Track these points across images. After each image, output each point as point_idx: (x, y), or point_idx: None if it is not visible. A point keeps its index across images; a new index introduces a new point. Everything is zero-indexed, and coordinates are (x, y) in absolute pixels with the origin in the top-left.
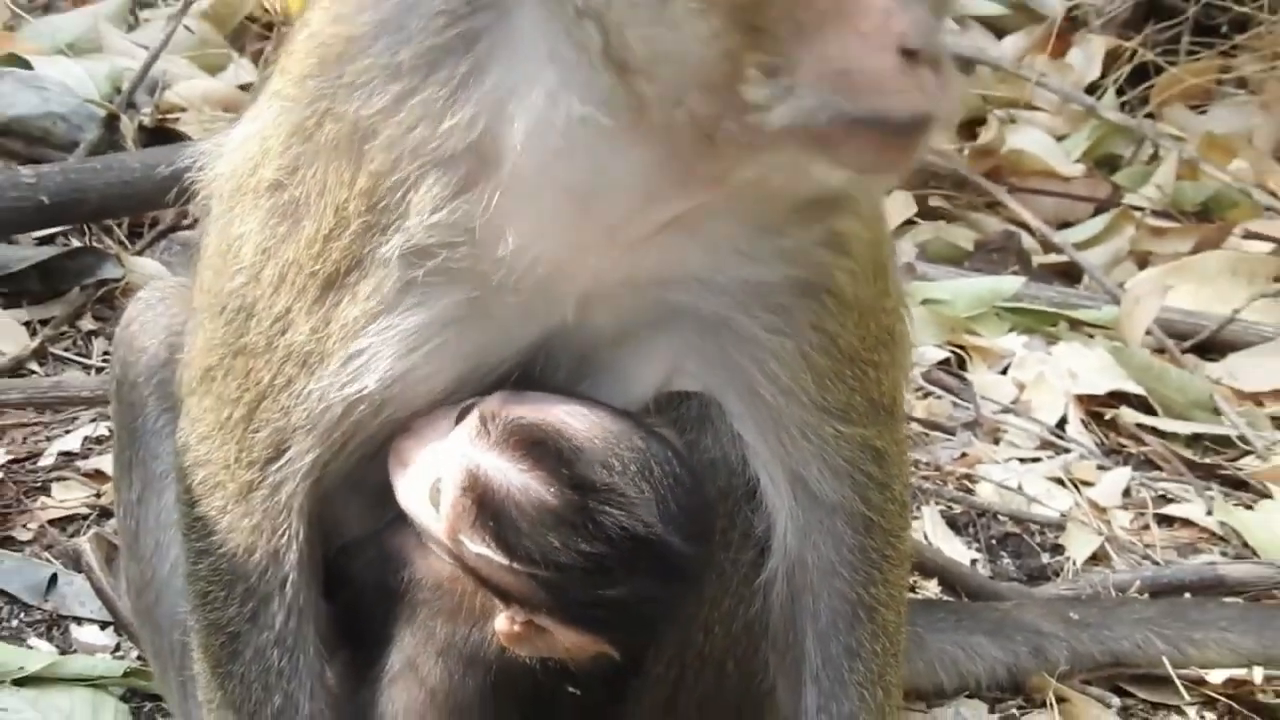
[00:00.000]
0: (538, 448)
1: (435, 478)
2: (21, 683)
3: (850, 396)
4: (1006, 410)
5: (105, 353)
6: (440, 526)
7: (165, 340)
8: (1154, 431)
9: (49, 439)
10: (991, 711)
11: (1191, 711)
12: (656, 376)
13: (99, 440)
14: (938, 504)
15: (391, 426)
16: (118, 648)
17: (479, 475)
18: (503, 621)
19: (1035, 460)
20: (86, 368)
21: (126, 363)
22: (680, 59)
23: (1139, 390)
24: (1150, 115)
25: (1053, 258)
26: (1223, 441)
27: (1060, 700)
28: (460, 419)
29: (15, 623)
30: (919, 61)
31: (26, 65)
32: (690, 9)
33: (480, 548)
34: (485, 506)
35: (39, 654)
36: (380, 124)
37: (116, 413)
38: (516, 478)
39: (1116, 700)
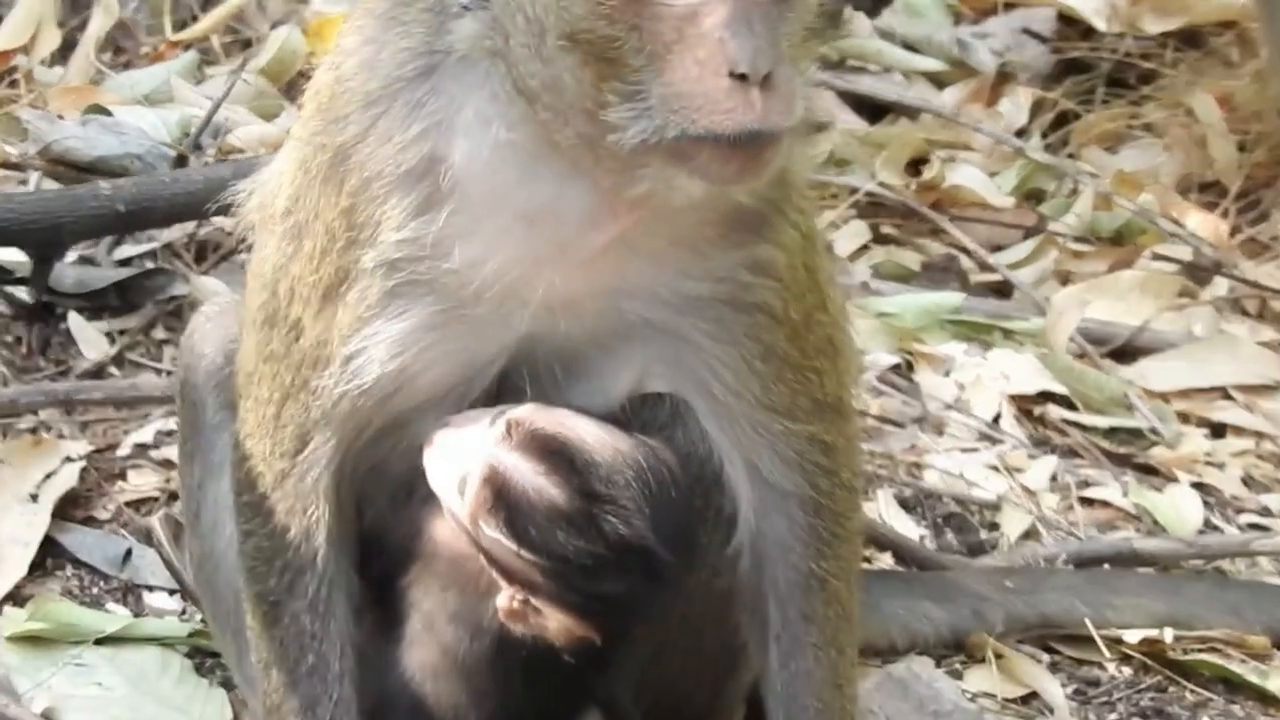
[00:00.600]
0: (555, 455)
1: (465, 470)
2: (100, 643)
3: (794, 398)
4: (949, 407)
5: (174, 359)
6: (463, 511)
7: (222, 348)
8: (1076, 425)
9: (126, 432)
10: (938, 666)
11: (1111, 666)
12: (630, 379)
13: (168, 433)
14: (890, 488)
15: (405, 418)
16: (184, 612)
17: (501, 472)
18: (504, 599)
19: (974, 450)
20: (158, 371)
21: (189, 367)
22: (558, 88)
23: (1063, 390)
24: (1070, 155)
25: (988, 276)
26: (1135, 433)
27: (998, 656)
28: (493, 422)
29: (95, 590)
30: (750, 84)
31: (108, 113)
32: (557, 46)
33: (494, 533)
34: (503, 499)
35: (116, 617)
36: (355, 148)
37: (181, 410)
38: (533, 479)
39: (1046, 657)
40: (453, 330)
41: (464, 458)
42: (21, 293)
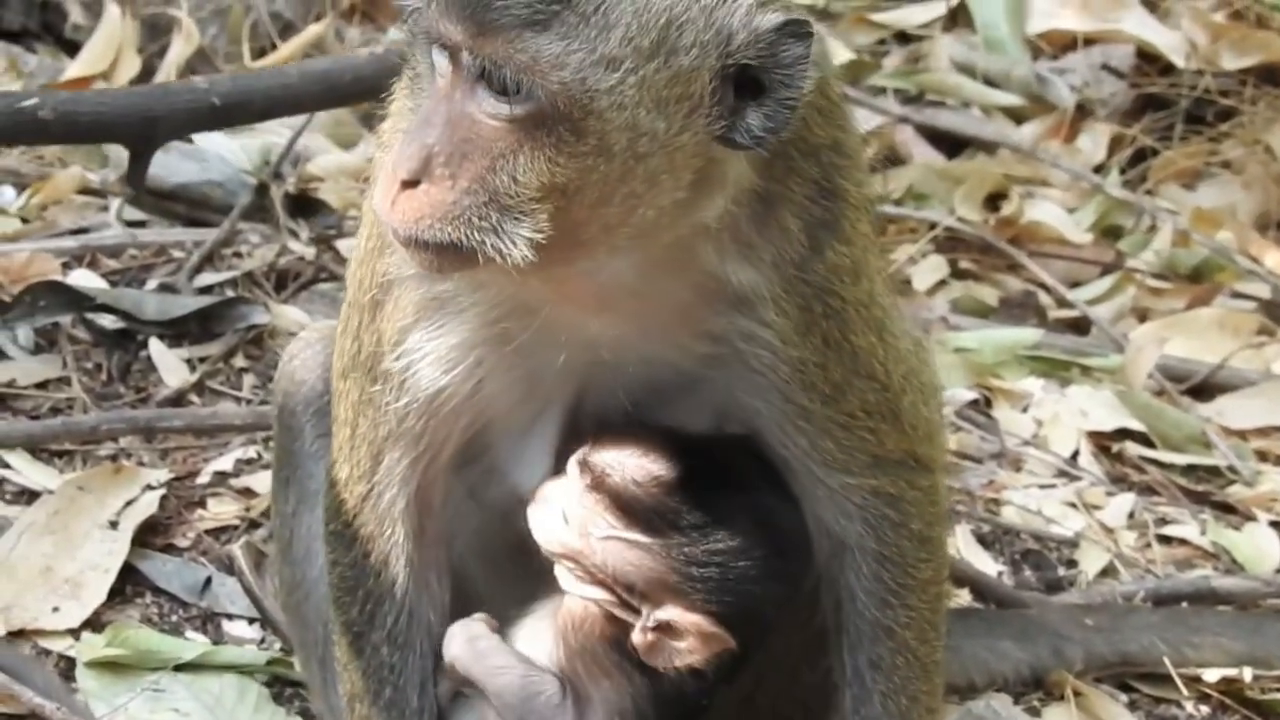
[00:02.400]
0: (646, 439)
1: (563, 501)
2: (178, 670)
3: (849, 454)
4: (1027, 444)
5: (254, 386)
6: (574, 531)
7: (321, 375)
8: (1154, 463)
9: (206, 460)
10: (1016, 703)
11: (1189, 705)
12: (706, 420)
13: (248, 462)
14: (968, 523)
15: (481, 441)
16: (263, 640)
17: (598, 463)
18: (638, 634)
19: (1052, 487)
20: (238, 399)
21: (287, 393)
22: None
23: (1141, 427)
24: (1149, 192)
25: (1065, 312)
26: (1213, 471)
27: (1076, 694)
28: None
29: (175, 618)
30: (415, 186)
31: (189, 141)
32: None
33: (606, 529)
34: (605, 488)
35: (194, 645)
36: None
37: (277, 436)
38: (630, 461)
39: (1124, 696)
40: (500, 349)
41: (558, 493)
42: (102, 319)
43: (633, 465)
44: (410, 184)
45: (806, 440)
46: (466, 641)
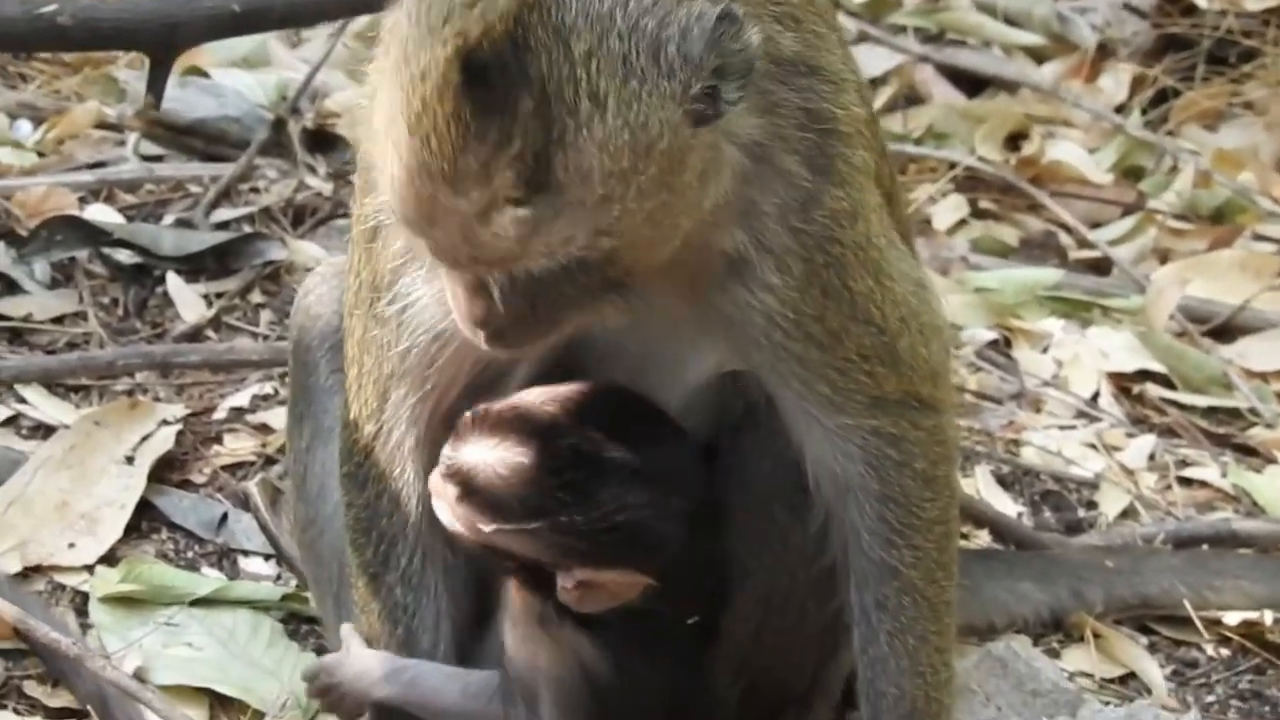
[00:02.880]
0: (501, 425)
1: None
2: (193, 605)
3: (846, 397)
4: (1047, 384)
5: (271, 322)
6: (458, 526)
7: (336, 310)
8: (1175, 404)
9: (222, 396)
10: (1035, 645)
11: (1209, 648)
12: (710, 363)
13: (265, 398)
14: (988, 464)
15: (487, 380)
16: (279, 577)
17: (458, 466)
18: (560, 591)
19: (1072, 428)
20: (255, 335)
21: (303, 328)
22: None
23: (1162, 368)
24: (1170, 133)
25: (1086, 253)
26: (1234, 413)
27: (1096, 636)
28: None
29: (190, 554)
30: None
31: (205, 75)
32: None
33: (490, 525)
34: (473, 490)
35: (209, 580)
36: None
37: (292, 371)
38: (491, 455)
39: (1144, 638)
40: None
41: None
42: (119, 254)
43: (494, 460)
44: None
45: (801, 384)
46: (387, 680)
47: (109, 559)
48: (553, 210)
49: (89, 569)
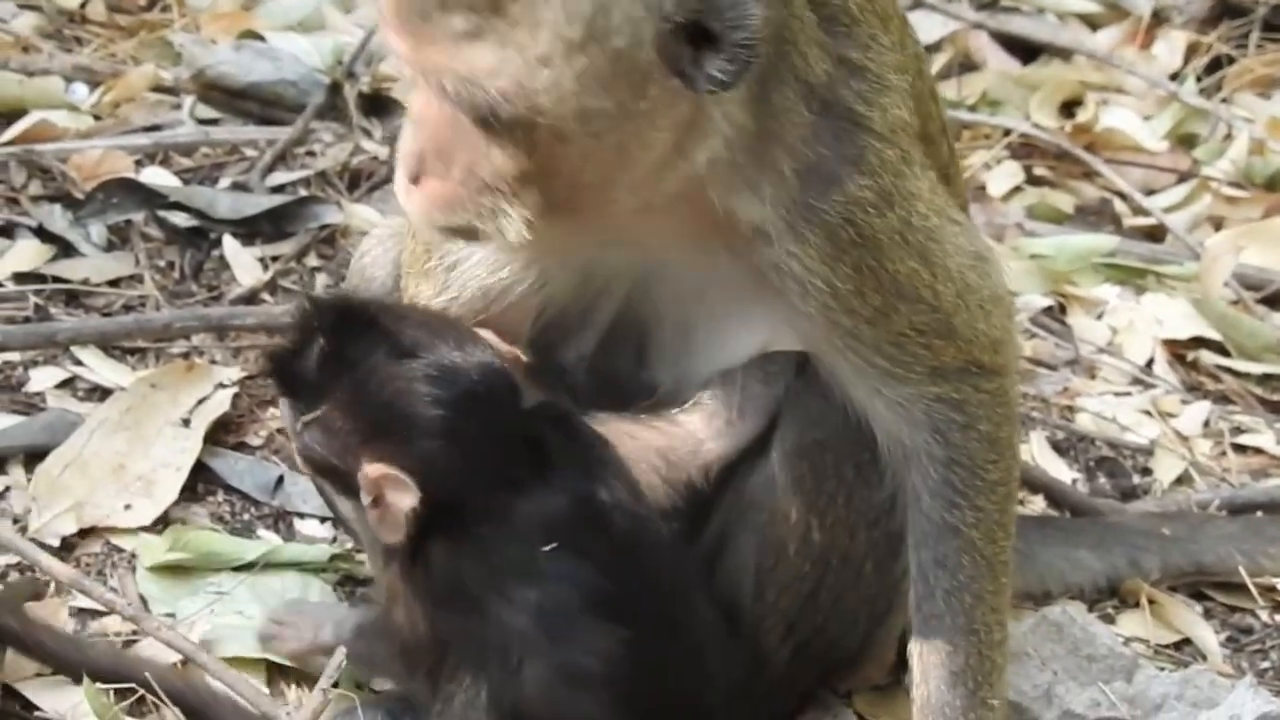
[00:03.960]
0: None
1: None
2: (240, 570)
3: (906, 369)
4: (1102, 351)
5: (327, 285)
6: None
7: (391, 272)
8: (1230, 371)
9: None
10: (1090, 610)
11: (1264, 614)
12: (758, 337)
13: None
14: (1043, 430)
15: (539, 344)
16: (334, 539)
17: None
18: (370, 517)
19: (1127, 394)
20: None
21: (358, 290)
22: None
23: (1217, 335)
24: (1224, 100)
25: (1141, 220)
26: None
27: (1151, 602)
28: None
29: (246, 517)
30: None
31: (261, 39)
32: None
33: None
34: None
35: (256, 545)
36: None
37: None
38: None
39: (1198, 605)
40: (547, 258)
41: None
42: (175, 217)
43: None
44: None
45: (858, 358)
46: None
47: (164, 521)
48: (495, 36)
49: (145, 530)
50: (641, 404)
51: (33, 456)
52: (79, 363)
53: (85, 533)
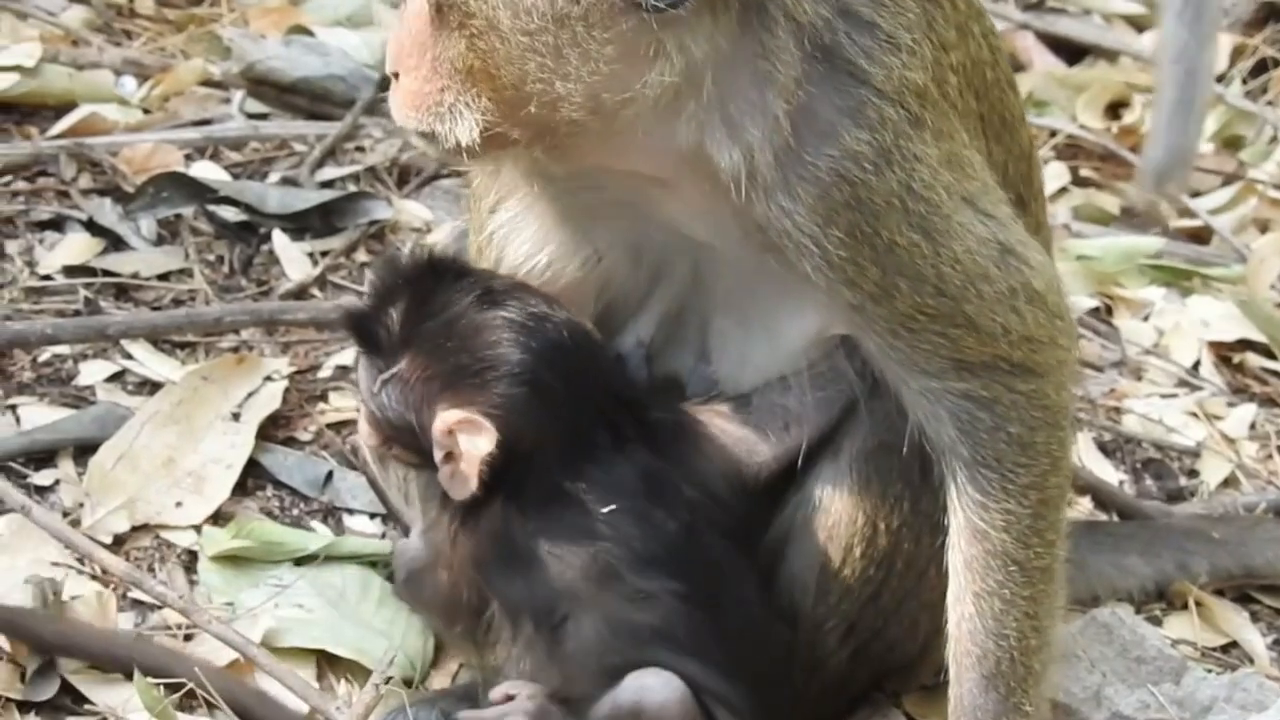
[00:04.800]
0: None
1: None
2: (299, 563)
3: (927, 359)
4: (1148, 352)
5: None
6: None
7: None
8: (1276, 374)
9: (328, 354)
10: (1138, 613)
11: None
12: (813, 322)
13: None
14: (1090, 431)
15: (602, 321)
16: (384, 535)
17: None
18: (441, 475)
19: (1173, 396)
20: (360, 294)
21: None
22: None
23: (1263, 338)
24: (1270, 102)
25: (1187, 222)
26: None
27: (1198, 605)
28: None
29: (296, 512)
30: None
31: (310, 33)
32: None
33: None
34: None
35: (318, 536)
36: None
37: None
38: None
39: (1245, 608)
40: (600, 220)
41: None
42: (224, 211)
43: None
44: (395, 75)
45: (879, 338)
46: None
47: (216, 517)
48: None
49: (196, 529)
50: (702, 397)
51: (82, 450)
52: (129, 356)
53: (136, 529)
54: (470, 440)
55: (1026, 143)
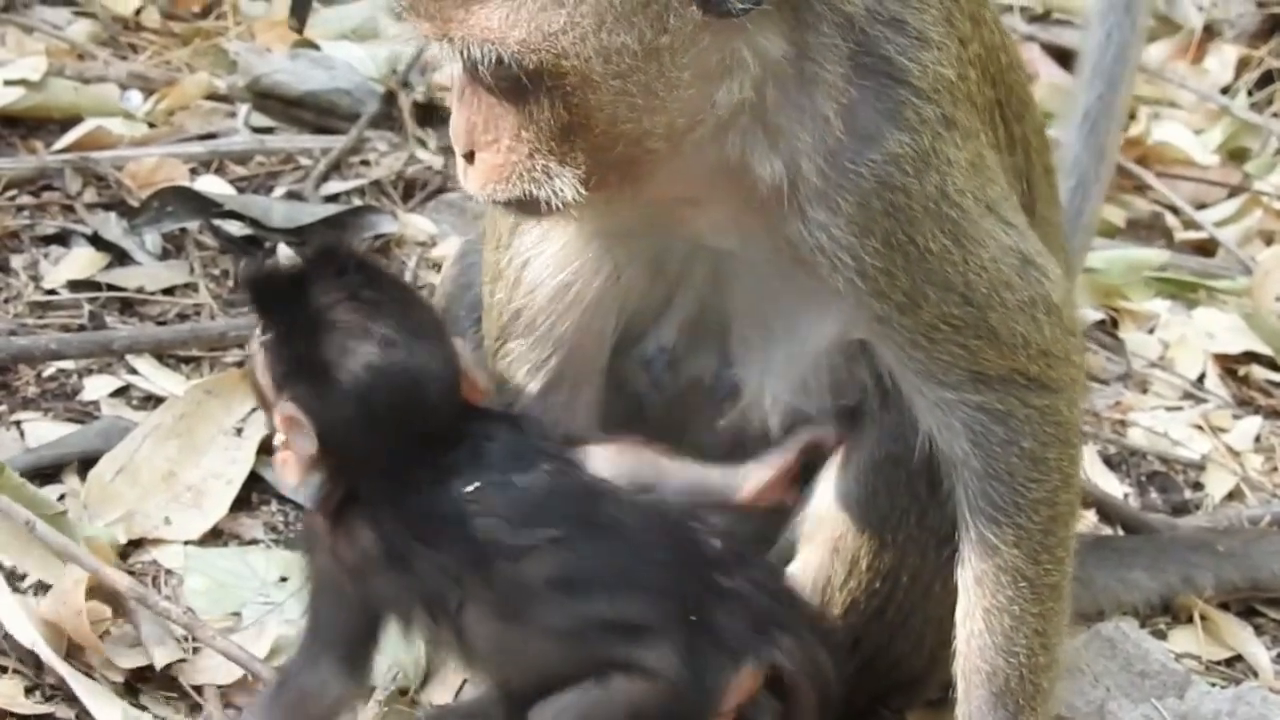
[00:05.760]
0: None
1: None
2: (287, 580)
3: (945, 371)
4: (1153, 365)
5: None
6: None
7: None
8: None
9: None
10: (1142, 626)
11: None
12: (833, 329)
13: None
14: (1095, 444)
15: (622, 343)
16: None
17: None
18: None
19: (1178, 409)
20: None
21: (450, 296)
22: None
23: (1268, 350)
24: (1275, 114)
25: (1192, 234)
26: None
27: (1203, 618)
28: None
29: (299, 527)
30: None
31: (315, 47)
32: None
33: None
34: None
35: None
36: None
37: None
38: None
39: (1250, 621)
40: (619, 239)
41: None
42: (229, 225)
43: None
44: (469, 155)
45: (896, 348)
46: None
47: (215, 533)
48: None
49: (193, 544)
50: (724, 404)
51: (87, 464)
52: (134, 371)
53: (133, 543)
54: (297, 438)
55: (1040, 117)
